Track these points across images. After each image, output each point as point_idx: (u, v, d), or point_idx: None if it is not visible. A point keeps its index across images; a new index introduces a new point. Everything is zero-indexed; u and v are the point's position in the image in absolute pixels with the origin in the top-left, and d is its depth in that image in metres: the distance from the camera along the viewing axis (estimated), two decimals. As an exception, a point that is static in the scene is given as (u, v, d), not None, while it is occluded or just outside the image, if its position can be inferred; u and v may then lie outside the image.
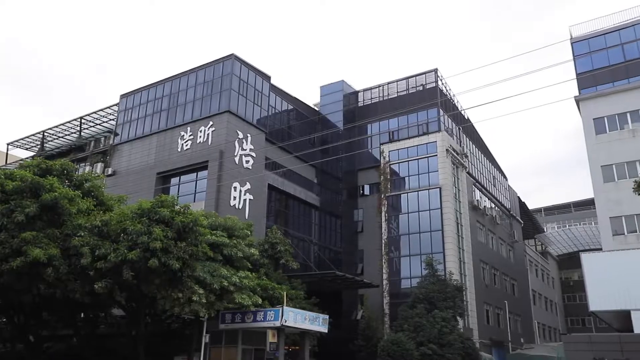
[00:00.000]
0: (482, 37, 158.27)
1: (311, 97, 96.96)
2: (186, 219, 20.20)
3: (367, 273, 41.66)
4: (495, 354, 42.40)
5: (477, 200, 46.87)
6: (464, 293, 37.80)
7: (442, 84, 45.50)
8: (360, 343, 35.38)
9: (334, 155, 44.39)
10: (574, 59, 37.06)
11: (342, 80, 48.06)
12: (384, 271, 41.17)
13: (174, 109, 37.82)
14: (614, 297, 24.44)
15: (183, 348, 25.60)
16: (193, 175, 35.22)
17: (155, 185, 35.37)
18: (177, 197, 23.70)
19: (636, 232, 31.38)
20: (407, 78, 46.66)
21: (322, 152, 43.89)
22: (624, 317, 25.49)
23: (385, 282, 40.72)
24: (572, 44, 37.64)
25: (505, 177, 58.76)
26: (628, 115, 34.12)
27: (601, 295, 25.21)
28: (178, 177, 36.07)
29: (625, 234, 31.91)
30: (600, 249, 34.44)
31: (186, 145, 35.50)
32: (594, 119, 35.12)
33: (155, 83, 40.00)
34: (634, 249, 27.70)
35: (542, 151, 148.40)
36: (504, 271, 50.21)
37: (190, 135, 35.53)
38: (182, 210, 20.80)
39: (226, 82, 35.44)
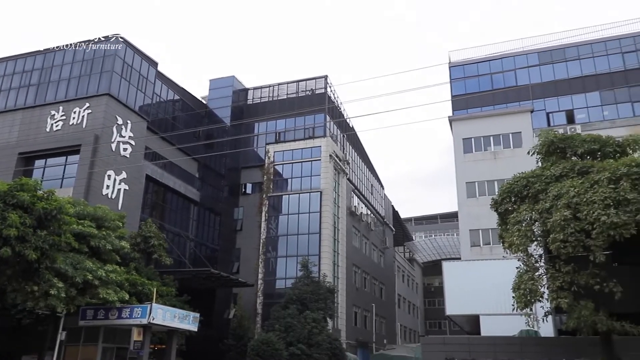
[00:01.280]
0: (381, 46, 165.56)
1: (200, 90, 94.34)
2: (49, 206, 18.51)
3: (242, 272, 41.43)
4: (360, 354, 44.41)
5: (355, 206, 48.84)
6: (335, 295, 39.14)
7: (331, 91, 46.88)
8: (231, 342, 35.07)
9: (218, 151, 43.57)
10: (450, 81, 40.38)
11: (233, 76, 47.49)
12: (259, 271, 41.25)
13: (45, 84, 34.62)
14: (467, 303, 26.88)
15: (34, 346, 23.44)
16: (62, 159, 32.43)
17: (15, 167, 32.02)
18: (41, 181, 21.59)
19: (490, 244, 34.75)
20: (298, 81, 47.36)
21: (206, 147, 42.87)
22: (474, 321, 28.12)
23: (260, 281, 40.83)
24: (449, 67, 40.91)
25: (382, 186, 61.92)
26: (491, 138, 37.79)
27: (456, 301, 27.58)
28: (44, 160, 33.01)
29: (481, 245, 35.23)
30: (460, 259, 37.66)
31: (56, 126, 32.66)
32: (463, 138, 38.40)
33: (24, 54, 36.30)
34: (486, 259, 30.65)
35: (420, 163, 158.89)
36: (374, 275, 52.79)
37: (62, 116, 32.73)
38: (45, 195, 19.01)
39: (108, 63, 33.24)
